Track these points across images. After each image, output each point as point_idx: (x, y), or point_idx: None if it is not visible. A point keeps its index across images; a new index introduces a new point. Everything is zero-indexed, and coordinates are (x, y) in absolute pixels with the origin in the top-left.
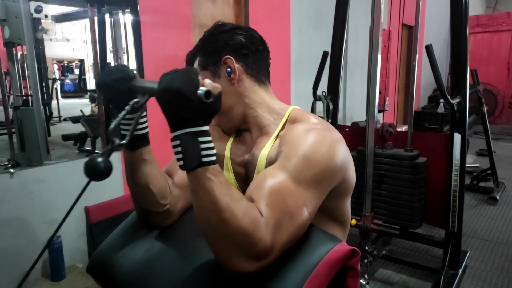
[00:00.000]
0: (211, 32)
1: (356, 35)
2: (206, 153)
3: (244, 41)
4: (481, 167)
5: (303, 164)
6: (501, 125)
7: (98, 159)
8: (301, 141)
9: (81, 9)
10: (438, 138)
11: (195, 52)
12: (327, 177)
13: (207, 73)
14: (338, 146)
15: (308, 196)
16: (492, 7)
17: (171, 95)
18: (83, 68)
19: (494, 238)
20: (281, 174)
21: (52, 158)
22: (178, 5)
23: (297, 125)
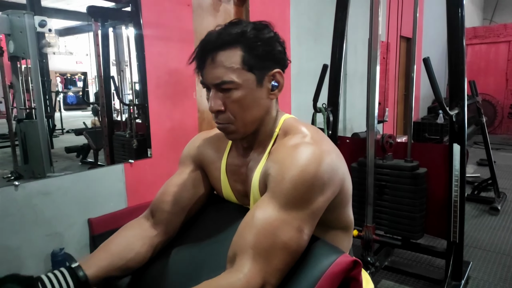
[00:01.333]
0: (259, 31)
1: (355, 47)
2: None
3: (285, 56)
4: (482, 177)
5: (291, 187)
6: (501, 135)
7: None
8: (287, 162)
9: (84, 23)
10: (437, 149)
11: (235, 40)
12: (318, 194)
13: (249, 75)
14: (325, 160)
15: (302, 218)
16: (489, 19)
17: None
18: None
19: (497, 248)
20: (270, 205)
21: (55, 170)
22: (180, 19)
23: (286, 140)
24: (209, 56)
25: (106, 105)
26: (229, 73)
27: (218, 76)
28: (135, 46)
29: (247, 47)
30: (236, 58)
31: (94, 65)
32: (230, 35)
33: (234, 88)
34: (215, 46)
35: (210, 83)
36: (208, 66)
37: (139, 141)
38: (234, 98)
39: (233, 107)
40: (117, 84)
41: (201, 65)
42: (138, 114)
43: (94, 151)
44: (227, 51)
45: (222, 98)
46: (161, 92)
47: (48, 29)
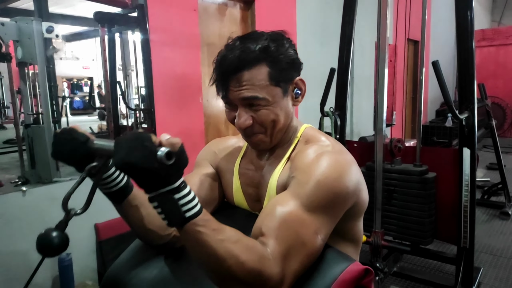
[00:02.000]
0: (278, 42)
1: (362, 51)
2: (187, 207)
3: (300, 60)
4: (492, 181)
5: (315, 190)
6: (510, 138)
7: (53, 233)
8: (313, 167)
9: (90, 28)
10: (447, 153)
11: (258, 59)
12: (340, 203)
13: (277, 90)
14: (350, 170)
15: (321, 222)
16: (497, 21)
17: (130, 169)
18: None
19: (508, 254)
20: (292, 202)
21: (61, 175)
22: (187, 24)
23: (308, 147)
24: (234, 77)
25: (113, 110)
26: (259, 90)
27: (248, 93)
28: (141, 51)
29: (271, 63)
30: (263, 75)
31: (100, 70)
32: (253, 52)
33: (264, 104)
34: (240, 67)
35: (238, 99)
36: (233, 86)
37: None
38: (264, 113)
39: (262, 120)
40: (123, 89)
41: (224, 86)
42: (144, 119)
43: None
44: (253, 69)
45: (250, 112)
46: (168, 97)
47: (55, 35)
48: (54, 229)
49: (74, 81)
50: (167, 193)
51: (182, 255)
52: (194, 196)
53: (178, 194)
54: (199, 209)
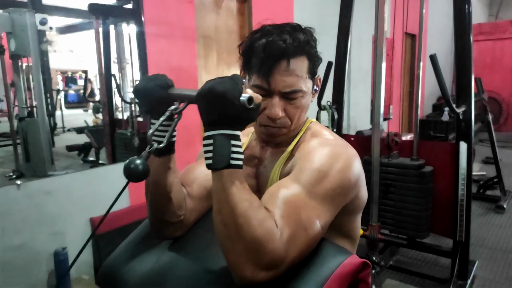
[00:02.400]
0: (313, 38)
1: (360, 44)
2: (236, 156)
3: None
4: (487, 175)
5: (318, 178)
6: (506, 133)
7: (137, 161)
8: (316, 155)
9: (85, 20)
10: (444, 147)
11: (303, 49)
12: (341, 193)
13: (311, 83)
14: (353, 163)
15: (321, 210)
16: (494, 15)
17: (215, 96)
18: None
19: (503, 247)
20: (295, 186)
21: (56, 169)
22: (182, 16)
23: (312, 139)
24: (281, 63)
25: (108, 103)
26: (300, 82)
27: (291, 84)
28: (136, 43)
29: (311, 56)
30: (305, 67)
31: (95, 63)
32: (300, 43)
33: (301, 96)
34: (290, 53)
35: (280, 90)
36: (278, 73)
37: (141, 139)
38: (298, 105)
39: (293, 112)
40: (118, 82)
41: (268, 71)
42: (140, 112)
43: (95, 149)
44: (297, 59)
45: (284, 104)
46: None
47: (49, 27)
48: (139, 157)
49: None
50: (226, 136)
51: (179, 247)
52: (242, 153)
53: (234, 141)
54: (241, 164)
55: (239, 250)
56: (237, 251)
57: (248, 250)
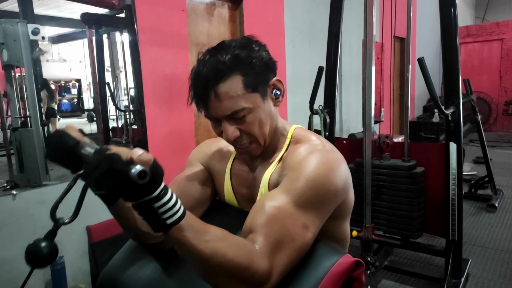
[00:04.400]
0: (248, 48)
1: (350, 48)
2: (168, 214)
3: (274, 60)
4: (479, 175)
5: (305, 186)
6: (496, 133)
7: (42, 243)
8: (303, 164)
9: (77, 30)
10: (434, 147)
11: (231, 69)
12: (329, 199)
13: (255, 95)
14: (339, 168)
15: (310, 218)
16: (481, 17)
17: (106, 190)
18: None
19: (495, 245)
20: (281, 196)
21: (51, 179)
22: (175, 24)
23: (299, 146)
24: (210, 91)
25: (102, 112)
26: (237, 101)
27: (228, 108)
28: (130, 52)
29: (245, 70)
30: (239, 85)
31: (88, 72)
32: (225, 64)
33: (247, 113)
34: (214, 80)
35: (221, 116)
36: (212, 101)
37: (135, 146)
38: (249, 121)
39: (249, 129)
40: (112, 90)
41: (203, 102)
42: (134, 120)
43: None
44: (228, 81)
45: (236, 124)
46: (158, 97)
47: (42, 36)
48: (43, 239)
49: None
50: (146, 203)
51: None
52: (175, 202)
53: (157, 203)
54: (181, 214)
55: (227, 282)
56: (225, 284)
57: (235, 279)
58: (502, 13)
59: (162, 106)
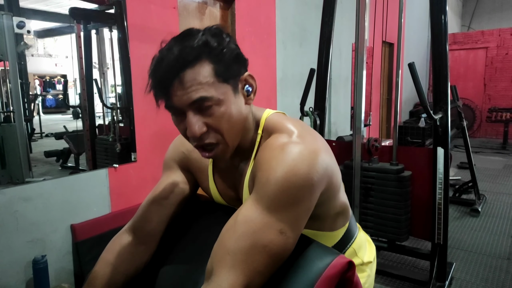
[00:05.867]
0: (218, 36)
1: (340, 52)
2: None
3: (244, 56)
4: (463, 180)
5: (276, 189)
6: (479, 139)
7: None
8: (273, 163)
9: (64, 24)
10: (422, 152)
11: (199, 54)
12: (305, 196)
13: (226, 87)
14: (314, 160)
15: (287, 221)
16: (467, 25)
17: None
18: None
19: (478, 249)
20: (253, 207)
21: (34, 175)
22: (166, 22)
23: (271, 141)
24: (175, 79)
25: (88, 109)
26: (207, 89)
27: (196, 95)
28: (119, 48)
29: (215, 58)
30: (208, 72)
31: (75, 68)
32: (193, 49)
33: (215, 104)
34: (181, 65)
35: (185, 104)
36: (177, 88)
37: (122, 145)
38: (217, 115)
39: (217, 124)
40: (100, 87)
41: (166, 91)
42: (122, 118)
43: (75, 155)
44: (196, 67)
45: (202, 118)
46: (146, 95)
47: (27, 30)
48: None
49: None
50: None
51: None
52: None
53: None
54: None
55: None
56: None
57: None
58: (487, 22)
59: (151, 104)
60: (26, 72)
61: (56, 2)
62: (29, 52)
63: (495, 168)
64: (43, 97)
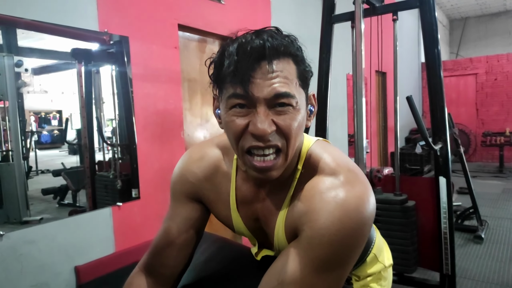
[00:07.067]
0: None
1: (335, 83)
2: None
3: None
4: (463, 206)
5: (330, 253)
6: (476, 163)
7: None
8: (323, 218)
9: (60, 61)
10: (424, 182)
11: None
12: (358, 252)
13: (303, 94)
14: (364, 210)
15: (337, 278)
16: (455, 52)
17: None
18: (68, 120)
19: (485, 278)
20: (299, 266)
21: (31, 214)
22: (167, 61)
23: (318, 184)
24: (261, 65)
25: (89, 145)
26: (290, 85)
27: (282, 88)
28: (121, 85)
29: (297, 61)
30: (294, 71)
31: (72, 103)
32: (282, 43)
33: (293, 107)
34: (271, 52)
35: (265, 95)
36: (259, 76)
37: (123, 181)
38: (291, 117)
39: (287, 127)
40: (101, 125)
41: (245, 77)
42: (122, 154)
43: (72, 192)
44: (283, 60)
45: (271, 116)
46: (149, 133)
47: (25, 69)
48: None
49: (42, 115)
50: None
51: None
52: None
53: None
54: None
55: None
56: None
57: None
58: (474, 49)
59: (154, 142)
60: (23, 109)
61: (53, 40)
62: (26, 89)
63: (494, 193)
64: (38, 134)
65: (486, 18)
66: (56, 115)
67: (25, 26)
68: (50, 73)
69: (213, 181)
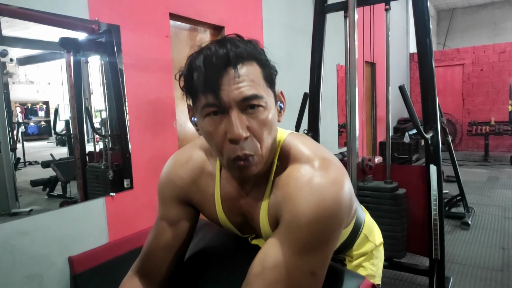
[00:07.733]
0: (257, 45)
1: (325, 73)
2: None
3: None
4: (450, 193)
5: (309, 233)
6: (462, 152)
7: None
8: (303, 204)
9: (46, 51)
10: (415, 170)
11: (251, 55)
12: (337, 232)
13: (271, 94)
14: (343, 192)
15: (318, 260)
16: (442, 43)
17: None
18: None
19: (472, 262)
20: (281, 250)
21: (20, 206)
22: (159, 50)
23: (293, 172)
24: (227, 72)
25: (79, 136)
26: (258, 88)
27: (250, 91)
28: (111, 76)
29: (262, 63)
30: (259, 73)
31: (59, 94)
32: (245, 49)
33: (263, 107)
34: (235, 59)
35: (235, 99)
36: (227, 82)
37: (115, 172)
38: (262, 118)
39: (258, 130)
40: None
41: (214, 85)
42: (113, 145)
43: (62, 183)
44: (248, 65)
45: (245, 121)
46: (141, 122)
47: (10, 58)
48: None
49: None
50: None
51: None
52: None
53: None
54: None
55: None
56: None
57: None
58: (460, 40)
59: (146, 131)
60: (9, 100)
61: (38, 30)
62: (11, 80)
63: (480, 181)
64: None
65: (473, 9)
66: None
67: (10, 13)
68: (36, 63)
69: (199, 183)
